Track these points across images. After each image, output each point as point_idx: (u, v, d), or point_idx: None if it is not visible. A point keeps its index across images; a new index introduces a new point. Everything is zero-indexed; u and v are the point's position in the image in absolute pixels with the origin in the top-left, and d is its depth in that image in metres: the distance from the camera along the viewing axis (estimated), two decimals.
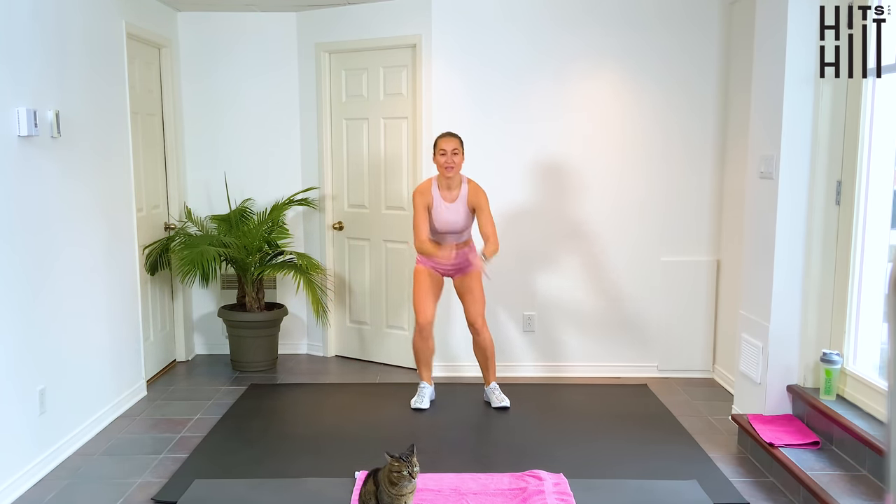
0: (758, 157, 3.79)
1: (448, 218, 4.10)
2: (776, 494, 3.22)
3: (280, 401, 4.46)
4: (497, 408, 4.22)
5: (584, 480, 3.25)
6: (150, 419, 4.14)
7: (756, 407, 3.77)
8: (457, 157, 4.02)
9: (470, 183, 4.14)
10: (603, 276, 4.86)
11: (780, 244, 3.61)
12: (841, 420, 3.22)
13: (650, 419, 4.10)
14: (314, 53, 5.08)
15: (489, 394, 4.30)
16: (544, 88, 4.73)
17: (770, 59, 3.65)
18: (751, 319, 3.85)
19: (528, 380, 4.82)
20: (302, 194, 5.15)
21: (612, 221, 4.82)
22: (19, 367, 3.26)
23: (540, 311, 4.91)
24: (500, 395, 4.26)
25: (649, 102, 4.72)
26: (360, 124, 5.08)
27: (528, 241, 4.84)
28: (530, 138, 4.77)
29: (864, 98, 3.34)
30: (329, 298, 5.21)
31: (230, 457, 3.59)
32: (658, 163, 4.76)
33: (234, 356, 5.07)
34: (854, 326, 3.45)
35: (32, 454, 3.34)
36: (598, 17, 4.66)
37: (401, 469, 2.64)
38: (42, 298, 3.43)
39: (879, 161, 3.34)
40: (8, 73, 3.19)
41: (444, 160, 4.01)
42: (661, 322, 4.87)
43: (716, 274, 4.81)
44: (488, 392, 4.30)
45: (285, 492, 3.18)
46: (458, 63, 4.72)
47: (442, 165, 4.04)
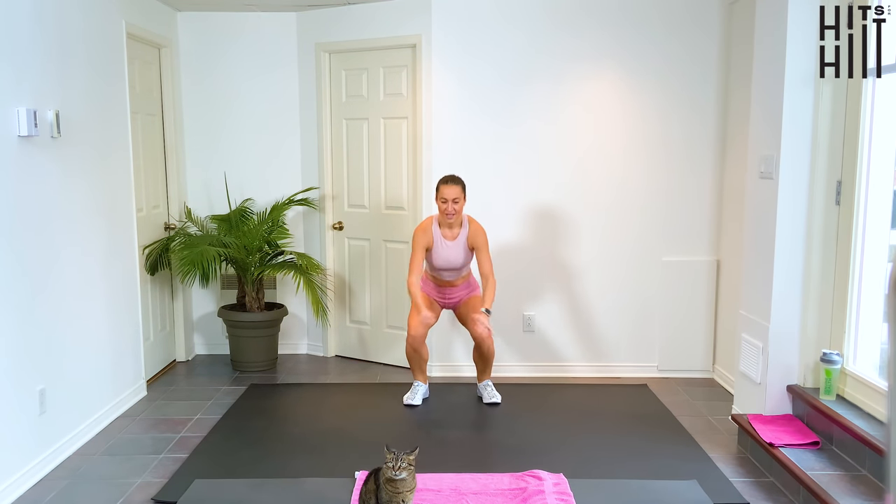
0: (758, 157, 3.79)
1: (448, 256, 4.20)
2: (776, 494, 3.22)
3: (280, 401, 4.46)
4: (488, 403, 4.31)
5: (584, 480, 3.25)
6: (150, 419, 4.14)
7: (756, 407, 3.77)
8: (458, 204, 4.11)
9: (472, 224, 4.23)
10: (603, 276, 4.86)
11: (780, 244, 3.61)
12: (841, 420, 3.22)
13: (650, 419, 4.10)
14: (314, 53, 5.09)
15: (481, 389, 4.39)
16: (544, 88, 4.73)
17: (770, 59, 3.65)
18: (751, 319, 3.85)
19: (528, 380, 4.82)
20: (302, 194, 5.15)
21: (613, 221, 4.82)
22: (19, 367, 3.26)
23: (540, 311, 4.92)
24: (492, 390, 4.35)
25: (649, 102, 4.72)
26: (360, 124, 5.08)
27: (527, 240, 4.84)
28: (530, 138, 4.77)
29: (864, 98, 3.34)
30: (329, 298, 5.21)
31: (230, 457, 3.59)
32: (658, 163, 4.76)
33: (234, 356, 5.07)
34: (854, 326, 3.45)
35: (32, 454, 3.34)
36: (598, 18, 4.66)
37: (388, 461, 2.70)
38: (42, 298, 3.43)
39: (879, 161, 3.34)
40: (8, 72, 3.19)
41: (445, 208, 4.10)
42: (661, 322, 4.87)
43: (716, 274, 4.81)
44: (481, 388, 4.40)
45: (285, 492, 3.18)
46: (458, 63, 4.72)
47: (443, 212, 4.14)
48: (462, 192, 4.13)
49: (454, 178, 4.16)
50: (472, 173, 4.77)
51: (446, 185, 4.12)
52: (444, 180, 4.15)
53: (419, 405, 4.31)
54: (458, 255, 4.20)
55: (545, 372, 4.91)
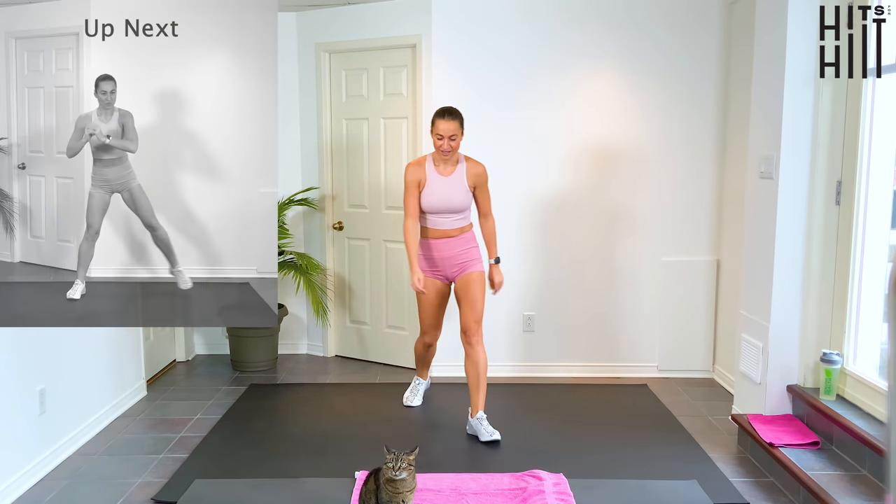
0: (758, 157, 3.79)
1: (444, 193, 3.81)
2: (776, 494, 3.22)
3: (280, 401, 4.46)
4: (487, 442, 3.73)
5: (584, 480, 3.25)
6: (150, 419, 4.14)
7: (756, 407, 3.77)
8: (454, 141, 3.75)
9: (468, 160, 3.89)
10: (603, 276, 4.86)
11: (780, 244, 3.61)
12: (841, 420, 3.22)
13: (650, 419, 4.10)
14: (314, 53, 5.09)
15: (475, 425, 3.78)
16: (544, 88, 4.73)
17: (770, 59, 3.65)
18: (751, 319, 3.85)
19: (527, 380, 4.82)
20: (302, 194, 5.15)
21: (613, 221, 4.82)
22: (19, 367, 3.26)
23: (540, 311, 4.92)
24: (488, 426, 3.76)
25: (649, 101, 4.72)
26: (360, 124, 5.08)
27: (527, 240, 4.85)
28: (530, 138, 4.77)
29: (864, 98, 3.34)
30: (329, 298, 5.21)
31: (230, 457, 3.59)
32: (658, 162, 4.76)
33: (234, 356, 5.07)
34: (854, 326, 3.45)
35: (32, 454, 3.34)
36: (598, 18, 4.66)
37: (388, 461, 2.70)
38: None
39: (879, 161, 3.34)
40: None
41: (441, 144, 3.74)
42: (661, 322, 4.87)
43: (716, 274, 4.81)
44: (475, 424, 3.79)
45: (285, 492, 3.18)
46: (458, 63, 4.73)
47: (438, 149, 3.78)
48: (460, 129, 3.75)
49: (451, 112, 3.75)
50: None
51: (443, 118, 3.72)
52: (441, 113, 3.75)
53: (419, 405, 4.31)
54: (457, 193, 3.82)
55: (545, 372, 4.91)
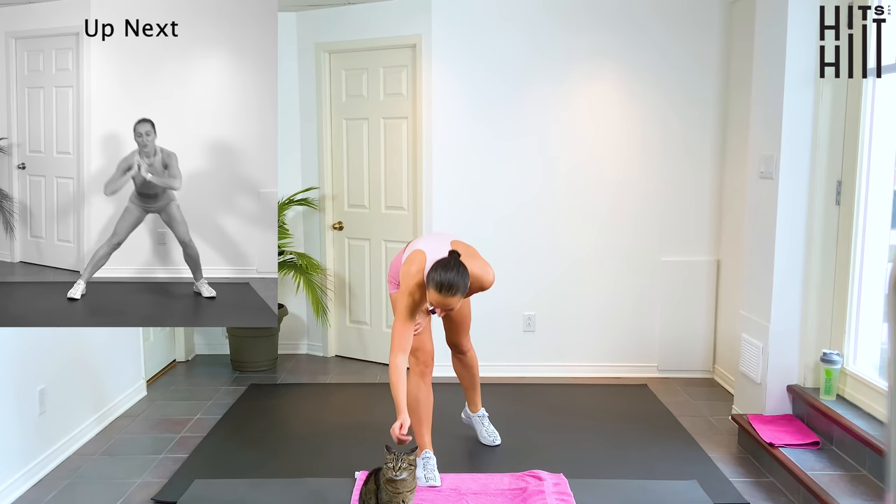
0: (758, 157, 3.79)
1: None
2: (776, 494, 3.22)
3: (280, 401, 4.46)
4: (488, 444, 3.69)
5: (584, 480, 3.25)
6: (150, 419, 4.14)
7: (756, 407, 3.77)
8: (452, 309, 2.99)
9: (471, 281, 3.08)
10: (603, 276, 4.86)
11: (780, 244, 3.61)
12: (841, 420, 3.22)
13: (650, 419, 4.10)
14: (314, 53, 5.09)
15: (477, 423, 3.74)
16: (544, 88, 4.73)
17: (770, 59, 3.65)
18: (751, 319, 3.85)
19: (528, 380, 4.82)
20: (302, 194, 5.15)
21: (613, 221, 4.82)
22: (19, 367, 3.26)
23: (540, 311, 4.92)
24: (489, 427, 3.72)
25: (649, 102, 4.72)
26: (360, 124, 5.08)
27: (527, 240, 4.84)
28: (530, 138, 4.77)
29: (864, 98, 3.34)
30: (329, 298, 5.21)
31: (230, 457, 3.59)
32: (658, 163, 4.76)
33: (234, 356, 5.07)
34: (854, 326, 3.45)
35: (32, 454, 3.34)
36: (598, 18, 4.66)
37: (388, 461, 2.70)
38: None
39: (879, 161, 3.34)
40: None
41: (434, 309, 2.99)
42: (661, 322, 4.87)
43: (716, 274, 4.81)
44: (476, 420, 3.75)
45: (285, 492, 3.18)
46: (458, 63, 4.73)
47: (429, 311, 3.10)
48: (461, 298, 2.96)
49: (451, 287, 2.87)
50: (472, 173, 4.77)
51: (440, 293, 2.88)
52: (438, 287, 2.87)
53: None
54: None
55: (545, 372, 4.91)
